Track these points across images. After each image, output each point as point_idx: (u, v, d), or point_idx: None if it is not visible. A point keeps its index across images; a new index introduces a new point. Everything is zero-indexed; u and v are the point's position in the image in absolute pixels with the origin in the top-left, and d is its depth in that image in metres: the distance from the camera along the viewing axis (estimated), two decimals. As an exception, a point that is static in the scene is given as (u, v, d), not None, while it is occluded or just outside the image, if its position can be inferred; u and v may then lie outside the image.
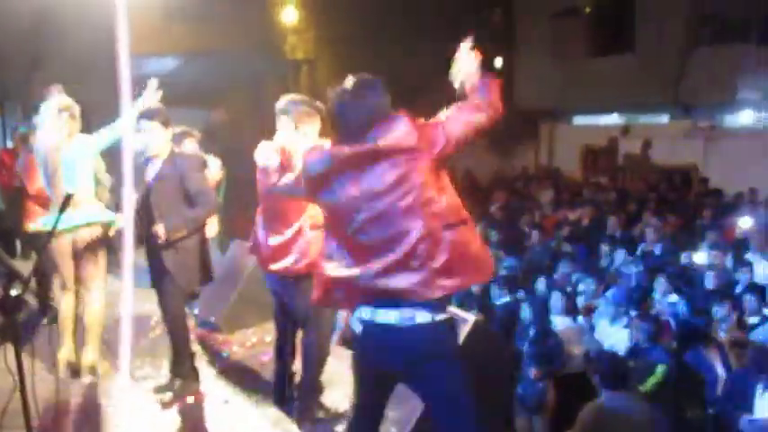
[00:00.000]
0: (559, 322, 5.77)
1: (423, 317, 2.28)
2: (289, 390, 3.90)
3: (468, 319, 3.52)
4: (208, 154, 5.00)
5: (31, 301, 5.31)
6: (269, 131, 3.67)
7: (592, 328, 5.90)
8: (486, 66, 2.58)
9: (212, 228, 5.02)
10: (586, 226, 9.55)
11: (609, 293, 6.22)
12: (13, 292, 2.17)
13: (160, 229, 3.73)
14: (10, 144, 9.41)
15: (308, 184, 2.45)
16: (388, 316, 2.30)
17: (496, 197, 12.13)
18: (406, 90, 2.60)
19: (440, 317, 2.30)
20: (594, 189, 12.54)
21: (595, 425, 3.78)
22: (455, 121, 2.42)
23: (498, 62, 17.30)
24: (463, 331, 3.42)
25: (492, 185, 14.47)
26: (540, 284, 6.52)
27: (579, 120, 15.78)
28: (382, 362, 2.42)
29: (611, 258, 7.69)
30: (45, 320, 5.17)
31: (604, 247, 7.95)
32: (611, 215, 9.44)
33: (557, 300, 5.93)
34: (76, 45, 9.53)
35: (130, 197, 3.91)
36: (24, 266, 5.38)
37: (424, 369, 2.33)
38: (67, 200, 2.68)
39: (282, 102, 3.57)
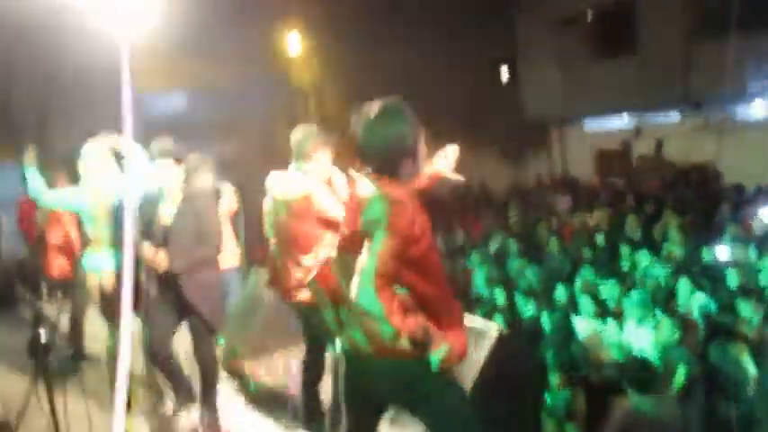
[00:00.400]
0: (587, 327, 5.74)
1: None
2: (318, 410, 3.92)
3: (491, 330, 3.52)
4: (223, 182, 5.08)
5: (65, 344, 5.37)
6: (280, 161, 3.74)
7: (619, 332, 5.85)
8: (492, 76, 2.56)
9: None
10: (606, 230, 9.50)
11: (633, 295, 6.17)
12: (42, 336, 2.22)
13: (164, 261, 3.78)
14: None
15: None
16: None
17: (512, 208, 12.12)
18: (413, 110, 2.58)
19: None
20: (611, 192, 12.48)
21: (625, 429, 3.75)
22: None
23: (503, 72, 17.40)
24: (489, 342, 3.42)
25: (507, 196, 14.45)
26: (562, 292, 6.48)
27: (590, 125, 15.76)
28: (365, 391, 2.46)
29: (632, 260, 7.63)
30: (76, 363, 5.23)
31: (625, 250, 7.90)
32: (630, 217, 9.38)
33: (585, 305, 5.90)
34: (88, 89, 9.75)
35: (131, 236, 3.89)
36: (50, 310, 5.49)
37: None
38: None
39: (295, 133, 3.64)
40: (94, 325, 4.36)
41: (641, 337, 5.62)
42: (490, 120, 15.61)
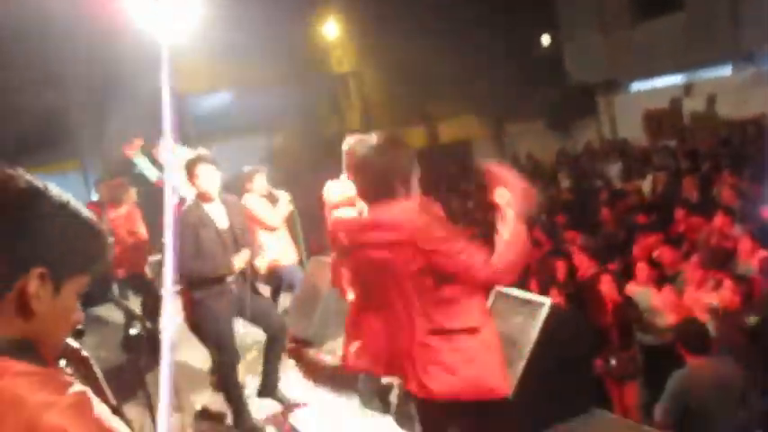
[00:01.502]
0: (644, 293, 5.72)
1: None
2: (378, 390, 4.10)
3: (544, 303, 3.60)
4: (279, 189, 5.28)
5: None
6: (325, 153, 3.90)
7: (677, 296, 5.80)
8: (534, 48, 2.38)
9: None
10: (661, 193, 9.33)
11: (692, 259, 6.10)
12: (133, 332, 2.42)
13: (244, 258, 3.98)
14: (94, 197, 10.07)
15: None
16: None
17: (562, 178, 11.99)
18: (452, 88, 2.64)
19: None
20: (663, 154, 12.18)
21: (683, 393, 3.77)
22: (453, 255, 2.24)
23: (545, 40, 17.09)
24: (542, 315, 3.51)
25: (556, 166, 14.29)
26: (617, 259, 6.46)
27: (637, 86, 15.37)
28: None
29: (688, 223, 7.50)
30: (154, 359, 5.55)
31: (681, 213, 7.76)
32: (685, 178, 9.18)
33: (641, 271, 5.87)
34: (142, 96, 10.13)
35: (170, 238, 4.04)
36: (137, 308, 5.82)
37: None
38: None
39: (348, 142, 3.79)
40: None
41: (701, 300, 5.57)
42: (535, 89, 15.42)
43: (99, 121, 12.63)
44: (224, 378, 4.05)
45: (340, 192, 3.78)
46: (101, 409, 0.95)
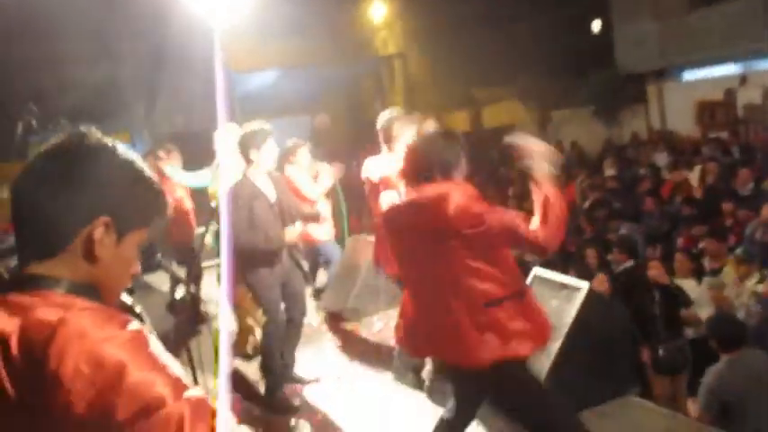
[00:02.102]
0: (686, 285, 5.64)
1: None
2: (416, 364, 4.15)
3: (581, 287, 3.59)
4: (321, 162, 5.35)
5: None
6: (368, 133, 3.97)
7: (719, 289, 5.70)
8: (584, 34, 2.38)
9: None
10: (709, 185, 9.10)
11: (738, 251, 5.98)
12: (179, 296, 2.53)
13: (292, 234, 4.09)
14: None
15: None
16: None
17: (607, 167, 11.79)
18: (497, 73, 2.66)
19: None
20: (715, 146, 11.84)
21: (719, 388, 3.74)
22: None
23: (596, 26, 16.70)
24: (578, 299, 3.50)
25: (601, 155, 14.03)
26: (658, 250, 6.37)
27: (689, 75, 14.93)
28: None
29: (735, 217, 7.32)
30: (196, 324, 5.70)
31: (728, 206, 7.58)
32: (740, 170, 8.92)
33: (681, 262, 5.79)
34: (190, 72, 10.34)
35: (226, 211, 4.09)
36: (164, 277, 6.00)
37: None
38: None
39: (380, 119, 3.85)
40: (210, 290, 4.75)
41: (743, 293, 5.46)
42: (583, 76, 15.14)
43: (148, 96, 12.94)
44: (266, 348, 4.11)
45: (379, 169, 3.83)
46: (156, 346, 1.03)
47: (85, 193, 1.10)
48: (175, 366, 1.03)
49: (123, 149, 1.17)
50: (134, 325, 1.04)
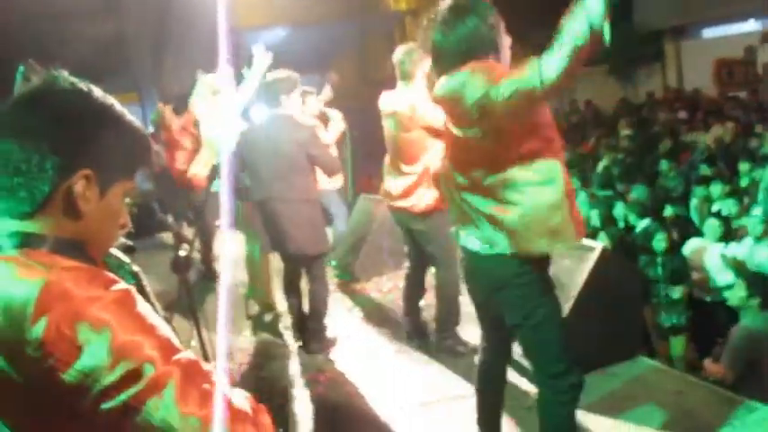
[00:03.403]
0: (699, 245, 5.56)
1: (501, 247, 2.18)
2: (420, 324, 4.14)
3: (595, 247, 3.52)
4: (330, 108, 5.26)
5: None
6: (379, 91, 3.88)
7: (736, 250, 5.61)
8: None
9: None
10: (728, 144, 8.92)
11: (755, 212, 5.87)
12: (182, 253, 2.49)
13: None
14: (150, 129, 10.23)
15: None
16: (474, 243, 2.28)
17: (622, 126, 11.57)
18: (509, 28, 2.52)
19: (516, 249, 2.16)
20: (734, 105, 11.57)
21: (749, 345, 3.70)
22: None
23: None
24: (591, 259, 3.44)
25: (616, 114, 13.78)
26: (670, 211, 6.28)
27: (708, 33, 14.52)
28: (472, 290, 2.51)
29: (751, 177, 7.17)
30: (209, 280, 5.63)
31: (745, 166, 7.42)
32: (756, 129, 8.72)
33: (709, 227, 5.68)
34: (198, 30, 10.15)
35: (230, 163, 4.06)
36: (188, 233, 5.95)
37: (500, 297, 2.29)
38: None
39: (396, 54, 3.75)
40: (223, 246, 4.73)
41: (761, 254, 5.37)
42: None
43: (157, 55, 12.76)
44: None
45: (394, 102, 3.75)
46: (144, 307, 0.97)
47: (60, 143, 1.01)
48: (165, 328, 0.97)
49: (100, 94, 1.08)
50: (121, 285, 0.97)
